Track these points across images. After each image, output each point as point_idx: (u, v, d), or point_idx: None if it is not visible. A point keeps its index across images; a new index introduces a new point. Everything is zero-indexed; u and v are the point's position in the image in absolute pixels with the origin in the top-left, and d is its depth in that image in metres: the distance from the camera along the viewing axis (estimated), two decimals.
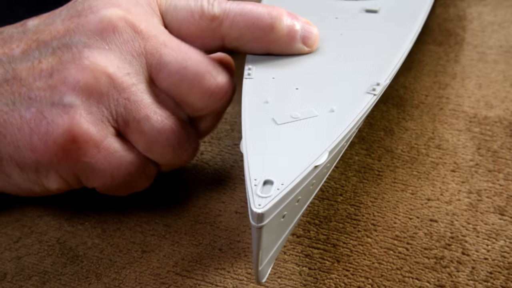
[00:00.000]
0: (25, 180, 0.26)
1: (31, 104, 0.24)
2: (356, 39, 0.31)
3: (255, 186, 0.18)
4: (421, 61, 0.44)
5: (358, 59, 0.28)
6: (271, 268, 0.23)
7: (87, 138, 0.23)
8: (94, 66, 0.23)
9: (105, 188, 0.27)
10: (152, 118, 0.24)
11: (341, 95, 0.25)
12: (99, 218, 0.30)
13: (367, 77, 0.26)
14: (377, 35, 0.31)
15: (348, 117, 0.23)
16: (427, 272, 0.25)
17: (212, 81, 0.25)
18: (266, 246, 0.19)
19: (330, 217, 0.29)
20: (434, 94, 0.39)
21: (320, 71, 0.27)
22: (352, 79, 0.26)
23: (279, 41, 0.27)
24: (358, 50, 0.29)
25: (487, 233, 0.27)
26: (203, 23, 0.26)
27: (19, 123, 0.24)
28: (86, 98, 0.23)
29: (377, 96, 0.25)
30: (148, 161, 0.27)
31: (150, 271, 0.26)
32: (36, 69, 0.24)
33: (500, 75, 0.41)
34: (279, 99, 0.24)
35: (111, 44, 0.24)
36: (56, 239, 0.29)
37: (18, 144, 0.24)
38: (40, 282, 0.26)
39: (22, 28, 0.26)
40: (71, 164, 0.24)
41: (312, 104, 0.24)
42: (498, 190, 0.30)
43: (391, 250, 0.26)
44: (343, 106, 0.24)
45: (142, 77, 0.24)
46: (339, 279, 0.25)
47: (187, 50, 0.25)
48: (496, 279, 0.24)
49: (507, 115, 0.36)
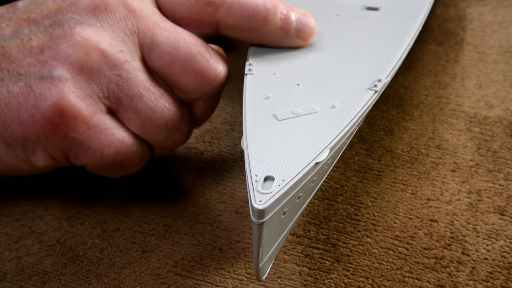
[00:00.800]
0: (12, 158, 0.25)
1: (20, 79, 0.23)
2: (357, 35, 0.31)
3: (256, 182, 0.18)
4: (421, 61, 0.44)
5: (359, 56, 0.28)
6: (271, 266, 0.23)
7: (75, 112, 0.23)
8: (86, 42, 0.23)
9: (95, 167, 0.27)
10: (145, 95, 0.24)
11: (342, 91, 0.25)
12: (99, 218, 0.30)
13: (368, 73, 0.26)
14: (378, 32, 0.31)
15: (350, 114, 0.23)
16: (427, 272, 0.25)
17: (204, 62, 0.25)
18: (266, 243, 0.19)
19: (330, 217, 0.29)
20: (434, 94, 0.39)
21: (321, 67, 0.27)
22: (353, 75, 0.26)
23: (272, 33, 0.27)
24: (359, 46, 0.29)
25: (487, 233, 0.27)
26: (198, 6, 0.25)
27: (6, 98, 0.23)
28: (76, 73, 0.23)
29: (378, 93, 0.25)
30: (140, 141, 0.26)
31: (150, 271, 0.26)
32: (26, 46, 0.24)
33: (500, 75, 0.41)
34: (280, 95, 0.25)
35: (103, 22, 0.24)
36: (56, 239, 0.29)
37: (5, 119, 0.24)
38: (40, 282, 0.26)
39: (12, 9, 0.26)
40: (59, 140, 0.24)
41: (313, 100, 0.24)
42: (498, 190, 0.30)
43: (391, 250, 0.26)
44: (345, 102, 0.24)
45: (135, 55, 0.24)
46: (339, 279, 0.25)
47: (179, 31, 0.25)
48: (496, 279, 0.24)
49: (507, 115, 0.36)
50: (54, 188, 0.32)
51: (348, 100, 0.24)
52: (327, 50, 0.29)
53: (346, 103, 0.24)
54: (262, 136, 0.21)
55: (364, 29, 0.32)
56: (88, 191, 0.31)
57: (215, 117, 0.38)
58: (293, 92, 0.25)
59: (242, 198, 0.31)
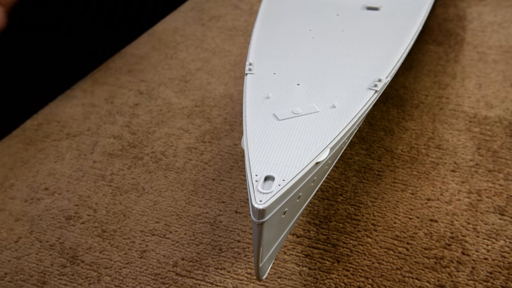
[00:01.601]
0: None
1: None
2: (358, 35, 0.31)
3: (256, 182, 0.18)
4: (421, 61, 0.44)
5: (360, 56, 0.28)
6: (271, 266, 0.23)
7: None
8: None
9: None
10: None
11: (343, 91, 0.25)
12: (99, 218, 0.30)
13: (369, 73, 0.26)
14: (378, 32, 0.31)
15: (350, 113, 0.23)
16: (427, 272, 0.25)
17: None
18: (266, 243, 0.19)
19: (330, 217, 0.29)
20: (434, 94, 0.39)
21: (321, 66, 0.27)
22: (354, 75, 0.26)
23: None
24: (359, 46, 0.29)
25: (487, 233, 0.27)
26: None
27: None
28: None
29: (378, 93, 0.25)
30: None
31: (150, 271, 0.26)
32: None
33: (500, 75, 0.41)
34: (281, 95, 0.25)
35: None
36: (56, 239, 0.29)
37: None
38: (40, 282, 0.26)
39: None
40: None
41: (313, 100, 0.24)
42: (498, 190, 0.30)
43: (391, 250, 0.26)
44: (345, 102, 0.24)
45: None
46: (339, 279, 0.25)
47: None
48: (496, 279, 0.24)
49: (507, 115, 0.36)
50: (55, 188, 0.32)
51: (348, 100, 0.24)
52: (328, 50, 0.29)
53: (347, 103, 0.24)
54: (262, 136, 0.21)
55: (364, 28, 0.32)
56: (88, 190, 0.31)
57: (215, 117, 0.38)
58: (293, 92, 0.25)
59: (242, 198, 0.31)
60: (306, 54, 0.28)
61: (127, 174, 0.33)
